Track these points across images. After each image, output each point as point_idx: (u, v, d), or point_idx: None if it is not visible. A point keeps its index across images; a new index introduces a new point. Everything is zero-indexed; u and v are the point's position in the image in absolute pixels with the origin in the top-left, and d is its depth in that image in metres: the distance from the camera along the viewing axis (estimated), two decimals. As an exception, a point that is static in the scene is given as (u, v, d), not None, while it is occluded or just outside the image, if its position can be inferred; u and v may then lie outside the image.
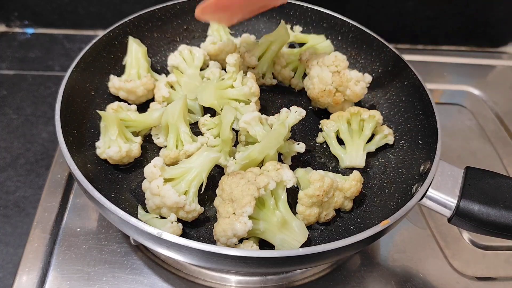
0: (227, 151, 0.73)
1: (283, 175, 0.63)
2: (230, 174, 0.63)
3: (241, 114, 0.76)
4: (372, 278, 0.74)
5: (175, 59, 0.86)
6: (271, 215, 0.61)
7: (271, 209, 0.61)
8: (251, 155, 0.68)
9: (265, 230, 0.60)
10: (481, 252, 0.81)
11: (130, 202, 0.69)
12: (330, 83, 0.79)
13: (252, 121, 0.71)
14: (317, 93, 0.80)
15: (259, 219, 0.60)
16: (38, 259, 0.71)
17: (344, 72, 0.79)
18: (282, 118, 0.73)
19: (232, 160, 0.72)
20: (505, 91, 1.18)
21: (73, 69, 0.75)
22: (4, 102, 1.03)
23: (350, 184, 0.68)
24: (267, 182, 0.60)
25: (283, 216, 0.62)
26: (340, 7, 0.99)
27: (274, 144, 0.68)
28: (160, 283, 0.70)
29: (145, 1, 1.12)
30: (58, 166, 0.85)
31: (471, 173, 0.64)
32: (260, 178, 0.60)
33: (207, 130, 0.77)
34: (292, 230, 0.61)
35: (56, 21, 1.22)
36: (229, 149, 0.73)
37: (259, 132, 0.71)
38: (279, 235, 0.60)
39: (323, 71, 0.80)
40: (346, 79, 0.78)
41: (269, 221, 0.61)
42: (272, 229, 0.60)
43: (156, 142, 0.76)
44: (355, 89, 0.79)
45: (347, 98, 0.81)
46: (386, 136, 0.78)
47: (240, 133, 0.74)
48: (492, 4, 1.22)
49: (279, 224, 0.61)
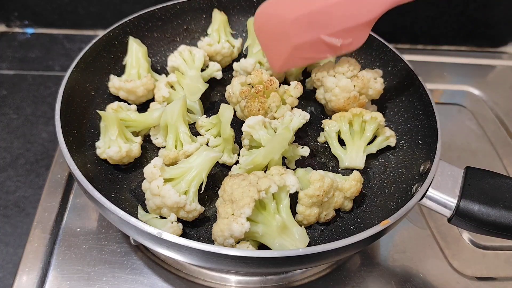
0: (230, 149, 0.74)
1: (287, 180, 0.62)
2: (233, 175, 0.63)
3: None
4: (372, 278, 0.74)
5: (175, 60, 0.86)
6: (271, 219, 0.60)
7: (272, 213, 0.61)
8: (255, 160, 0.68)
9: (264, 234, 0.60)
10: (481, 252, 0.81)
11: (130, 202, 0.69)
12: (352, 89, 0.78)
13: (256, 125, 0.70)
14: (343, 103, 0.79)
15: (259, 222, 0.60)
16: (38, 259, 0.71)
17: (362, 74, 0.79)
18: (286, 122, 0.73)
19: (236, 166, 0.72)
20: (505, 91, 1.18)
21: (73, 69, 0.75)
22: (4, 102, 1.03)
23: (350, 184, 0.68)
24: (269, 185, 0.59)
25: (283, 221, 0.61)
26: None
27: (279, 148, 0.68)
28: (160, 283, 0.70)
29: (145, 1, 1.12)
30: (58, 166, 0.85)
31: (471, 173, 0.64)
32: (262, 180, 0.60)
33: (206, 131, 0.77)
34: (292, 236, 0.61)
35: (56, 21, 1.22)
36: (231, 146, 0.74)
37: (263, 136, 0.70)
38: (278, 239, 0.60)
39: (340, 79, 0.79)
40: (366, 80, 0.78)
41: (268, 225, 0.60)
42: (271, 233, 0.60)
43: (154, 143, 0.76)
44: (376, 86, 0.79)
45: (370, 97, 0.81)
46: (388, 138, 0.78)
47: (244, 137, 0.74)
48: (492, 4, 1.22)
49: (279, 229, 0.60)
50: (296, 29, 0.74)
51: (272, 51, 0.80)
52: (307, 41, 0.75)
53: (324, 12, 0.72)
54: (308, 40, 0.75)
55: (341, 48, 0.75)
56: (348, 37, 0.73)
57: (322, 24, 0.73)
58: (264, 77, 0.76)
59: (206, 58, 0.90)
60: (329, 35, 0.73)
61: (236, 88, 0.78)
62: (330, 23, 0.72)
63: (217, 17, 0.94)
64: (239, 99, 0.78)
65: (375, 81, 0.80)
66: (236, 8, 0.95)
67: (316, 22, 0.73)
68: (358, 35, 0.74)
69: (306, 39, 0.75)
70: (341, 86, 0.78)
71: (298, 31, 0.74)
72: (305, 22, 0.73)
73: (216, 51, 0.91)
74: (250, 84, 0.78)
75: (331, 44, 0.74)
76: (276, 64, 0.80)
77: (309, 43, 0.75)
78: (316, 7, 0.72)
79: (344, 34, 0.73)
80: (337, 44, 0.74)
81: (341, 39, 0.73)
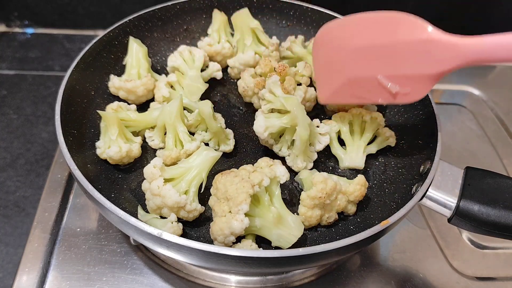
0: (223, 138, 0.75)
1: (276, 171, 0.64)
2: (224, 173, 0.64)
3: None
4: (372, 278, 0.74)
5: (175, 60, 0.86)
6: (267, 211, 0.62)
7: (266, 206, 0.62)
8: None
9: (261, 227, 0.61)
10: (481, 252, 0.81)
11: (130, 202, 0.69)
12: None
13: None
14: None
15: (255, 216, 0.61)
16: (38, 259, 0.71)
17: None
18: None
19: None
20: (505, 91, 1.18)
21: (73, 69, 0.75)
22: (4, 102, 1.03)
23: (354, 188, 0.67)
24: (261, 179, 0.60)
25: (278, 211, 0.62)
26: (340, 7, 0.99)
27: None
28: (160, 283, 0.70)
29: (145, 1, 1.12)
30: (58, 166, 0.85)
31: (471, 173, 0.64)
32: (254, 175, 0.61)
33: (195, 128, 0.78)
34: (288, 225, 0.62)
35: (56, 21, 1.22)
36: (224, 135, 0.75)
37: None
38: (275, 230, 0.61)
39: None
40: None
41: (265, 217, 0.61)
42: (268, 225, 0.61)
43: (151, 145, 0.76)
44: None
45: None
46: (387, 138, 0.78)
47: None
48: (492, 4, 1.22)
49: (275, 220, 0.61)
50: (354, 61, 0.66)
51: (324, 78, 0.72)
52: (363, 77, 0.66)
53: (388, 50, 0.62)
54: (363, 76, 0.66)
55: (395, 96, 0.64)
56: (407, 85, 0.62)
57: (382, 62, 0.63)
58: (274, 64, 0.77)
59: (206, 58, 0.90)
60: (386, 77, 0.63)
61: (248, 81, 0.79)
62: (392, 64, 0.62)
63: (217, 18, 0.94)
64: (255, 90, 0.79)
65: None
66: (236, 8, 0.95)
67: (377, 59, 0.63)
68: (418, 86, 0.62)
69: (361, 74, 0.66)
70: None
71: (356, 63, 0.66)
72: (365, 55, 0.64)
73: (217, 51, 0.91)
74: (261, 75, 0.78)
75: (386, 89, 0.64)
76: (324, 94, 0.73)
77: (364, 80, 0.66)
78: (381, 41, 0.62)
79: (404, 81, 0.62)
80: (393, 90, 0.63)
81: (398, 86, 0.63)
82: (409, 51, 0.60)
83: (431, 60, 0.58)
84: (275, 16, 1.01)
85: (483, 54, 0.54)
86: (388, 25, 0.62)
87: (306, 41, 0.98)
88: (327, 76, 0.71)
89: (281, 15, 1.01)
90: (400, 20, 0.61)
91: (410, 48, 0.60)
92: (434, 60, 0.58)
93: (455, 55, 0.56)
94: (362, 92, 0.67)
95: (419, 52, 0.59)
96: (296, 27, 1.01)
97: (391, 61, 0.62)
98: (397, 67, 0.62)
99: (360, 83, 0.66)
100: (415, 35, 0.59)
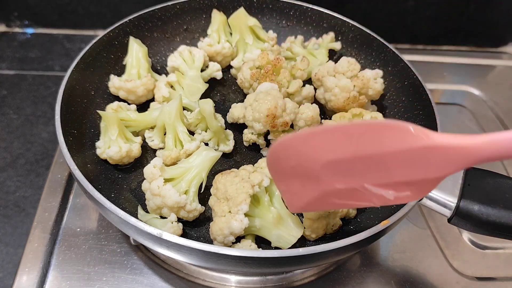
0: (223, 138, 0.75)
1: None
2: (224, 173, 0.64)
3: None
4: (372, 278, 0.74)
5: (175, 60, 0.86)
6: (266, 212, 0.62)
7: (266, 206, 0.62)
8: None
9: (261, 227, 0.61)
10: (481, 252, 0.81)
11: (130, 202, 0.69)
12: (352, 89, 0.78)
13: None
14: (343, 103, 0.79)
15: (255, 216, 0.61)
16: (38, 259, 0.71)
17: (362, 74, 0.79)
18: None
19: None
20: (505, 91, 1.18)
21: (73, 69, 0.75)
22: (4, 102, 1.03)
23: None
24: (261, 179, 0.61)
25: (278, 212, 0.62)
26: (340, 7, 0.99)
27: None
28: (160, 283, 0.70)
29: (145, 1, 1.12)
30: (58, 166, 0.85)
31: (471, 173, 0.64)
32: (254, 175, 0.61)
33: (195, 127, 0.77)
34: (288, 226, 0.62)
35: (56, 21, 1.22)
36: (224, 135, 0.75)
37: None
38: (275, 231, 0.61)
39: (340, 79, 0.79)
40: (366, 80, 0.78)
41: (264, 217, 0.61)
42: (268, 225, 0.61)
43: (151, 145, 0.76)
44: (376, 86, 0.80)
45: (370, 98, 0.81)
46: (387, 138, 0.78)
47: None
48: (492, 4, 1.22)
49: (275, 220, 0.61)
50: (330, 174, 0.52)
51: (290, 189, 0.56)
52: (345, 188, 0.53)
53: (376, 160, 0.49)
54: (346, 187, 0.52)
55: (394, 201, 0.52)
56: (405, 190, 0.51)
57: (370, 173, 0.51)
58: (270, 57, 0.78)
59: (206, 58, 0.90)
60: (377, 186, 0.51)
61: (246, 74, 0.81)
62: (382, 173, 0.50)
63: (216, 18, 0.94)
64: (251, 82, 0.80)
65: (375, 81, 0.80)
66: (236, 8, 0.95)
67: (361, 170, 0.51)
68: (419, 188, 0.51)
69: (343, 186, 0.52)
70: (341, 86, 0.78)
71: (333, 177, 0.52)
72: (344, 168, 0.51)
73: (217, 51, 0.91)
74: (259, 67, 0.80)
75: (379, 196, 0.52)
76: (294, 204, 0.57)
77: (349, 190, 0.53)
78: (364, 152, 0.49)
79: (400, 186, 0.51)
80: (389, 197, 0.51)
81: (394, 192, 0.51)
82: (403, 160, 0.49)
83: (432, 166, 0.49)
84: (275, 16, 1.01)
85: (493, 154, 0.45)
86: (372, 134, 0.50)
87: (306, 41, 0.98)
88: (295, 187, 0.56)
89: (281, 15, 1.01)
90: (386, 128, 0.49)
91: (403, 157, 0.49)
92: (436, 166, 0.49)
93: (461, 158, 0.48)
94: (347, 200, 0.54)
95: (415, 159, 0.49)
96: (296, 27, 1.01)
97: (381, 171, 0.50)
98: (390, 176, 0.50)
99: (343, 193, 0.54)
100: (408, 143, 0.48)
